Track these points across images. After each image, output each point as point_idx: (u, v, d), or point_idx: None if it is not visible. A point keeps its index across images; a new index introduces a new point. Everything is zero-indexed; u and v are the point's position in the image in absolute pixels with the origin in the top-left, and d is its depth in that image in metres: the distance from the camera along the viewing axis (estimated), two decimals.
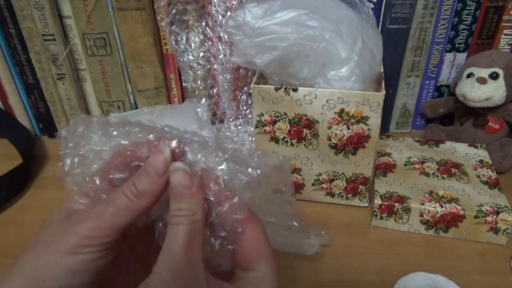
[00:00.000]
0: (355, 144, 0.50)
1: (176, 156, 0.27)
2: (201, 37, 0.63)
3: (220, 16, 0.61)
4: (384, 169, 0.57)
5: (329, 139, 0.51)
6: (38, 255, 0.25)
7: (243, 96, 0.69)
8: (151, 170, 0.26)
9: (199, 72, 0.66)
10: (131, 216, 0.26)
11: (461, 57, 0.66)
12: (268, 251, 0.27)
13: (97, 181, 0.27)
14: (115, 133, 0.28)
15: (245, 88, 0.68)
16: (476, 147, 0.61)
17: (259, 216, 0.28)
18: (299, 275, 0.46)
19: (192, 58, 0.64)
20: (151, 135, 0.28)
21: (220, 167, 0.27)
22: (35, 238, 0.26)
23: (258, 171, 0.27)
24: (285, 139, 0.52)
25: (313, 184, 0.55)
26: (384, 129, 0.72)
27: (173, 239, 0.24)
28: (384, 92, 0.47)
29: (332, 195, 0.56)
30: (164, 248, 0.25)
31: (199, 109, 0.65)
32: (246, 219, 0.27)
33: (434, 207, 0.50)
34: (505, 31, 0.63)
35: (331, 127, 0.50)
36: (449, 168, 0.56)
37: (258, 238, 0.27)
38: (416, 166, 0.57)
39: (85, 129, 0.28)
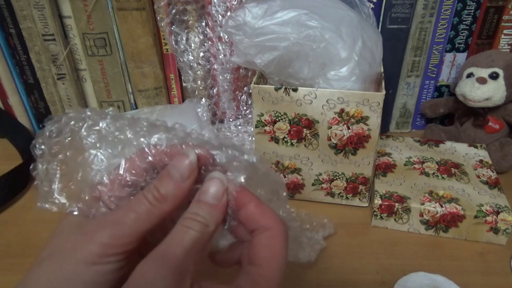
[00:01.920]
0: (355, 144, 0.50)
1: (201, 162, 0.27)
2: (201, 37, 0.63)
3: (220, 16, 0.61)
4: (384, 169, 0.57)
5: (329, 139, 0.51)
6: (56, 266, 0.23)
7: (243, 96, 0.69)
8: (175, 173, 0.25)
9: (199, 72, 0.66)
10: (152, 221, 0.25)
11: (461, 57, 0.66)
12: (282, 254, 0.27)
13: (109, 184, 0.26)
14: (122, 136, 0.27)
15: (245, 88, 0.68)
16: (476, 147, 0.61)
17: None
18: (299, 275, 0.46)
19: (192, 58, 0.64)
20: (175, 140, 0.27)
21: (215, 152, 0.27)
22: (50, 248, 0.25)
23: (255, 158, 0.28)
24: (285, 139, 0.52)
25: (313, 184, 0.55)
26: (384, 129, 0.72)
27: (178, 239, 0.24)
28: (384, 92, 0.47)
29: (332, 195, 0.56)
30: (164, 245, 0.24)
31: (199, 109, 0.65)
32: (271, 219, 0.27)
33: (434, 207, 0.50)
34: (505, 31, 0.63)
35: (331, 127, 0.50)
36: (449, 168, 0.56)
37: (276, 238, 0.27)
38: (416, 166, 0.57)
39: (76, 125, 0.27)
